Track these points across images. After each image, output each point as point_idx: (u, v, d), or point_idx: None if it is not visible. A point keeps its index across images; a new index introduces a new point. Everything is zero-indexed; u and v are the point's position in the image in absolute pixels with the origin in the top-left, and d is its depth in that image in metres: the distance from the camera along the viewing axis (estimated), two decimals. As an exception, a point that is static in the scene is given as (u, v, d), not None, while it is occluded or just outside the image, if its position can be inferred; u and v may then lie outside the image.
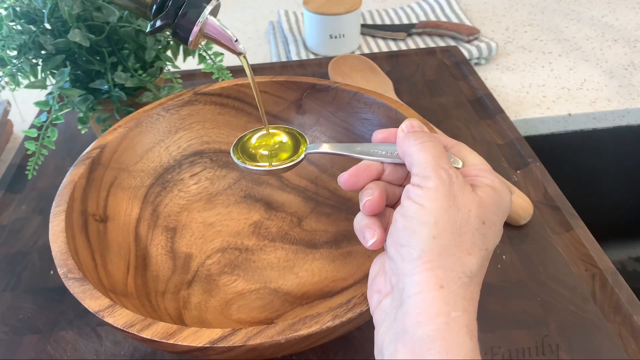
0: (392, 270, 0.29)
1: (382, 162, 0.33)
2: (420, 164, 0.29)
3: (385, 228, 0.32)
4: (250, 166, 0.40)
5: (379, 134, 0.34)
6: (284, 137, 0.42)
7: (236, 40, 0.36)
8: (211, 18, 0.35)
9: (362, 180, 0.32)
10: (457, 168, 0.31)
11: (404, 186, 0.33)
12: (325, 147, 0.37)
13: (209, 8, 0.34)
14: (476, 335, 0.26)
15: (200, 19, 0.34)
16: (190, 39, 0.35)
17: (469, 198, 0.28)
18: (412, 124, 0.32)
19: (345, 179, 0.33)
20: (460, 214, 0.28)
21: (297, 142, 0.41)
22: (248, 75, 0.40)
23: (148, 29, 0.36)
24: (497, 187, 0.30)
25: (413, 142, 0.30)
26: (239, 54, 0.38)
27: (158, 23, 0.35)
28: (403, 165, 0.32)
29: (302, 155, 0.39)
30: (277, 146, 0.41)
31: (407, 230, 0.28)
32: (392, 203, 0.33)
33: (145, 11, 0.36)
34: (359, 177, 0.32)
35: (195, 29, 0.34)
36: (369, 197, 0.31)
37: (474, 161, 0.31)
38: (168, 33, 0.56)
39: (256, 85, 0.42)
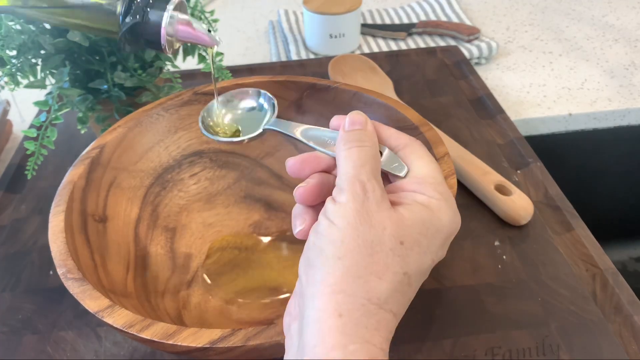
0: (299, 291, 0.26)
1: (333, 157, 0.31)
2: (340, 174, 0.27)
3: None
4: (212, 135, 0.39)
5: (335, 120, 0.32)
6: (249, 104, 0.40)
7: (209, 31, 0.35)
8: (176, 15, 0.33)
9: (307, 169, 0.30)
10: (399, 176, 0.29)
11: None
12: (282, 126, 0.35)
13: (170, 7, 0.33)
14: None
15: (164, 22, 0.33)
16: (163, 43, 0.34)
17: (384, 215, 0.25)
18: (353, 119, 0.29)
19: (290, 164, 0.31)
20: (372, 232, 0.25)
21: (263, 109, 0.39)
22: (211, 65, 0.39)
23: (121, 46, 0.34)
24: (433, 205, 0.27)
25: (342, 146, 0.28)
26: (211, 46, 0.36)
27: (128, 20, 0.33)
28: None
29: (260, 129, 0.37)
30: (243, 115, 0.40)
31: (315, 248, 0.26)
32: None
33: (114, 29, 0.34)
34: (305, 165, 0.30)
35: (163, 32, 0.33)
36: (303, 185, 0.29)
37: (421, 171, 0.28)
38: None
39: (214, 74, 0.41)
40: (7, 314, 0.48)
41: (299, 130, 0.34)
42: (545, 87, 0.76)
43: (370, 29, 0.89)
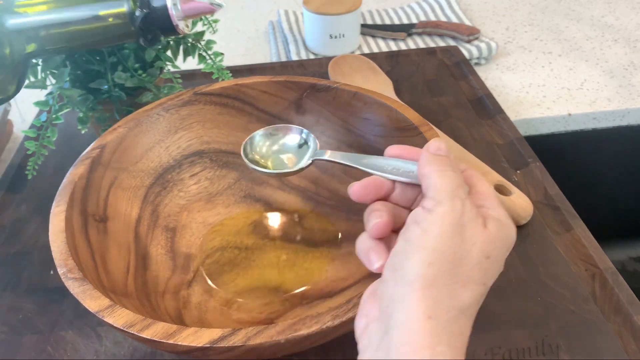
0: (383, 294, 0.28)
1: (393, 181, 0.32)
2: (437, 189, 0.28)
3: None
4: (258, 168, 0.40)
5: (393, 149, 0.33)
6: (292, 139, 0.41)
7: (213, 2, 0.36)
8: None
9: (371, 194, 0.32)
10: None
11: (411, 209, 0.32)
12: (335, 156, 0.37)
13: None
14: None
15: (169, 3, 0.35)
16: (174, 23, 0.35)
17: (477, 231, 0.27)
18: (439, 146, 0.31)
19: (355, 189, 0.32)
20: (463, 246, 0.27)
21: (305, 143, 0.41)
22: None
23: (140, 40, 0.36)
24: (504, 221, 0.29)
25: (436, 167, 0.29)
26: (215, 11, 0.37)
27: (138, 13, 0.34)
28: (413, 186, 0.32)
29: (310, 161, 0.39)
30: (285, 148, 0.41)
31: (405, 253, 0.27)
32: (397, 227, 0.32)
33: (129, 30, 0.36)
34: (369, 190, 0.32)
35: (171, 13, 0.35)
36: (378, 220, 0.30)
37: (482, 189, 0.30)
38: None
39: None
40: (7, 313, 0.48)
41: (351, 158, 0.35)
42: (545, 87, 0.76)
43: (370, 29, 0.89)
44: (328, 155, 0.37)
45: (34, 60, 0.51)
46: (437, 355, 0.24)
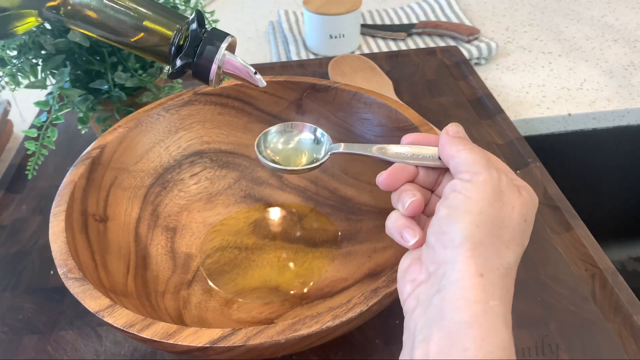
0: (430, 258, 0.29)
1: (416, 166, 0.34)
2: (471, 162, 0.30)
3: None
4: (274, 165, 0.39)
5: (409, 137, 0.35)
6: (305, 136, 0.41)
7: (255, 73, 0.36)
8: (229, 54, 0.35)
9: (400, 180, 0.33)
10: None
11: (434, 192, 0.34)
12: (354, 148, 0.37)
13: (224, 45, 0.34)
14: (511, 327, 0.27)
15: (218, 57, 0.34)
16: (211, 77, 0.35)
17: (514, 196, 0.29)
18: (457, 129, 0.33)
19: (383, 178, 0.33)
20: (504, 209, 0.29)
21: (317, 139, 0.41)
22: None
23: (169, 72, 0.36)
24: (530, 188, 0.31)
25: (461, 147, 0.31)
26: (257, 86, 0.38)
27: (179, 63, 0.35)
28: (434, 170, 0.34)
29: (327, 156, 0.39)
30: (299, 145, 0.41)
31: (450, 218, 0.28)
32: (427, 209, 0.34)
33: (165, 56, 0.36)
34: (397, 177, 0.33)
35: (214, 67, 0.35)
36: (413, 198, 0.32)
37: (504, 167, 0.32)
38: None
39: None
40: (7, 313, 0.48)
41: (373, 149, 0.36)
42: (545, 87, 0.76)
43: (370, 30, 0.89)
44: (343, 147, 0.38)
45: (34, 60, 0.51)
46: (490, 309, 0.26)
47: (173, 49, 0.35)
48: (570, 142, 0.73)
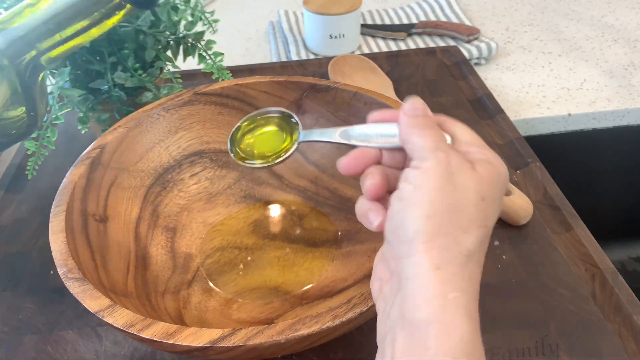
0: (390, 254, 0.28)
1: (384, 149, 0.32)
2: (419, 148, 0.29)
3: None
4: (245, 163, 0.39)
5: (377, 115, 0.34)
6: (274, 126, 0.40)
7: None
8: None
9: (361, 164, 0.32)
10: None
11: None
12: (317, 135, 0.36)
13: None
14: (476, 317, 0.26)
15: None
16: None
17: (467, 176, 0.28)
18: (415, 106, 0.31)
19: (344, 163, 0.32)
20: (457, 192, 0.27)
21: (290, 128, 0.39)
22: None
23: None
24: (493, 161, 0.29)
25: (413, 129, 0.30)
26: None
27: None
28: (401, 150, 0.32)
29: (295, 146, 0.37)
30: (269, 137, 0.40)
31: (402, 211, 0.27)
32: (393, 188, 0.31)
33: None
34: (358, 161, 0.32)
35: None
36: (372, 181, 0.31)
37: (466, 137, 0.31)
38: (168, 33, 0.56)
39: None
40: (7, 313, 0.48)
41: (336, 133, 0.34)
42: (545, 87, 0.76)
43: (370, 30, 0.89)
44: (313, 136, 0.36)
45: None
46: (450, 302, 0.25)
47: None
48: (571, 142, 0.73)
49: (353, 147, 0.33)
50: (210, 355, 0.32)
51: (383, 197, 0.32)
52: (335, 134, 0.35)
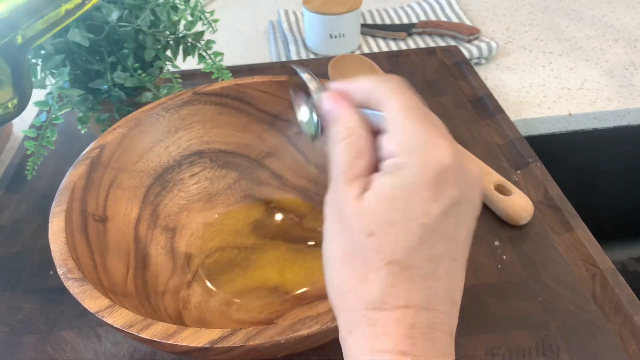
0: None
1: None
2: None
3: None
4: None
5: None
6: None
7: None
8: None
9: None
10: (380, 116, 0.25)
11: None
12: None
13: None
14: None
15: None
16: None
17: (350, 211, 0.23)
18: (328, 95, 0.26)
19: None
20: (344, 240, 0.23)
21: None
22: None
23: None
24: (410, 164, 0.21)
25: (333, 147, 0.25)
26: None
27: None
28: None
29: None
30: None
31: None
32: None
33: None
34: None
35: None
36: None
37: (395, 126, 0.23)
38: (168, 32, 0.56)
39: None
40: (7, 313, 0.48)
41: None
42: (545, 87, 0.76)
43: (370, 29, 0.89)
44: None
45: (33, 60, 0.51)
46: None
47: None
48: (571, 142, 0.73)
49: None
50: (210, 355, 0.32)
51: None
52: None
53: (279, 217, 0.54)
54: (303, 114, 0.33)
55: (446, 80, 0.75)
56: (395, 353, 0.21)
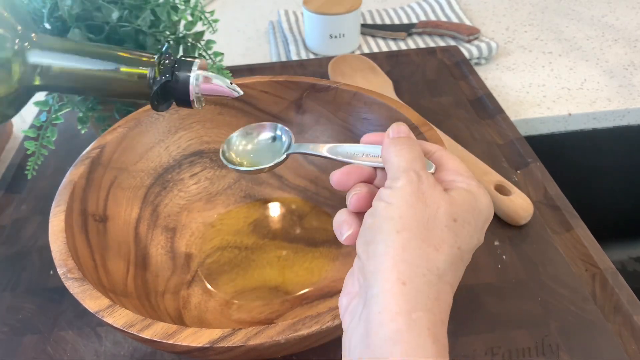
0: (359, 270, 0.28)
1: (374, 168, 0.33)
2: (394, 168, 0.29)
3: None
4: (236, 167, 0.39)
5: (369, 137, 0.34)
6: (267, 135, 0.41)
7: (231, 83, 0.36)
8: (201, 74, 0.35)
9: (352, 180, 0.32)
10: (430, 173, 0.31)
11: None
12: (309, 148, 0.37)
13: (194, 69, 0.35)
14: (444, 341, 0.25)
15: (192, 83, 0.35)
16: (191, 98, 0.36)
17: (438, 196, 0.28)
18: (399, 129, 0.32)
19: (336, 177, 0.32)
20: (427, 210, 0.27)
21: (280, 139, 0.40)
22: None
23: (152, 104, 0.36)
24: (474, 190, 0.29)
25: (392, 149, 0.30)
26: (233, 96, 0.38)
27: (158, 79, 0.35)
28: None
29: (284, 156, 0.38)
30: (263, 147, 0.41)
31: (373, 227, 0.27)
32: None
33: (146, 95, 0.36)
34: (350, 176, 0.32)
35: (192, 89, 0.35)
36: (357, 192, 0.31)
37: (453, 166, 0.31)
38: (168, 32, 0.56)
39: None
40: (7, 313, 0.48)
41: (324, 149, 0.35)
42: (545, 87, 0.76)
43: (370, 29, 0.89)
44: (302, 149, 0.37)
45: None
46: (411, 322, 0.24)
47: (151, 82, 0.35)
48: (571, 142, 0.73)
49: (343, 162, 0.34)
50: (210, 355, 0.32)
51: (364, 212, 0.31)
52: (324, 149, 0.35)
53: (279, 217, 0.54)
54: None
55: (446, 80, 0.75)
56: (439, 321, 0.25)
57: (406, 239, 0.26)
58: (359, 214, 0.31)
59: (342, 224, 0.31)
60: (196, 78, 0.35)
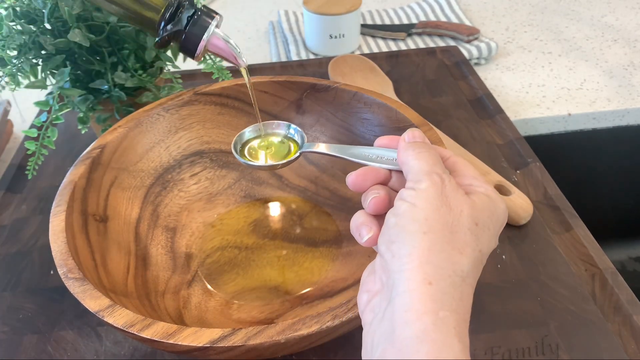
0: (382, 268, 0.28)
1: (389, 170, 0.33)
2: (415, 170, 0.30)
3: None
4: (248, 162, 0.40)
5: (382, 140, 0.35)
6: (280, 134, 0.43)
7: (239, 52, 0.36)
8: (217, 31, 0.35)
9: (368, 181, 0.33)
10: None
11: None
12: (322, 148, 0.37)
13: (214, 23, 0.35)
14: (465, 339, 0.26)
15: (206, 35, 0.34)
16: (197, 52, 0.35)
17: (461, 200, 0.28)
18: (414, 134, 0.33)
19: (352, 179, 0.33)
20: (452, 214, 0.28)
21: (293, 137, 0.42)
22: (248, 86, 0.42)
23: (156, 41, 0.36)
24: (492, 195, 0.30)
25: (410, 152, 0.31)
26: (240, 66, 0.38)
27: (169, 28, 0.35)
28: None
29: (298, 154, 0.39)
30: (275, 144, 0.42)
31: (397, 227, 0.28)
32: None
33: (153, 24, 0.36)
34: (366, 177, 0.33)
35: (202, 44, 0.35)
36: (376, 195, 0.31)
37: (469, 172, 0.32)
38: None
39: (254, 96, 0.44)
40: (7, 313, 0.48)
41: (337, 149, 0.36)
42: (545, 87, 0.76)
43: (370, 30, 0.89)
44: (315, 147, 0.38)
45: (34, 60, 0.51)
46: (439, 321, 0.25)
47: (163, 19, 0.35)
48: (570, 142, 0.73)
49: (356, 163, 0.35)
50: (210, 355, 0.32)
51: (381, 214, 0.32)
52: (336, 150, 0.36)
53: (279, 216, 0.54)
54: None
55: (446, 81, 0.75)
56: (463, 321, 0.26)
57: (432, 241, 0.27)
58: (377, 216, 0.32)
59: (361, 226, 0.31)
60: (212, 30, 0.34)
